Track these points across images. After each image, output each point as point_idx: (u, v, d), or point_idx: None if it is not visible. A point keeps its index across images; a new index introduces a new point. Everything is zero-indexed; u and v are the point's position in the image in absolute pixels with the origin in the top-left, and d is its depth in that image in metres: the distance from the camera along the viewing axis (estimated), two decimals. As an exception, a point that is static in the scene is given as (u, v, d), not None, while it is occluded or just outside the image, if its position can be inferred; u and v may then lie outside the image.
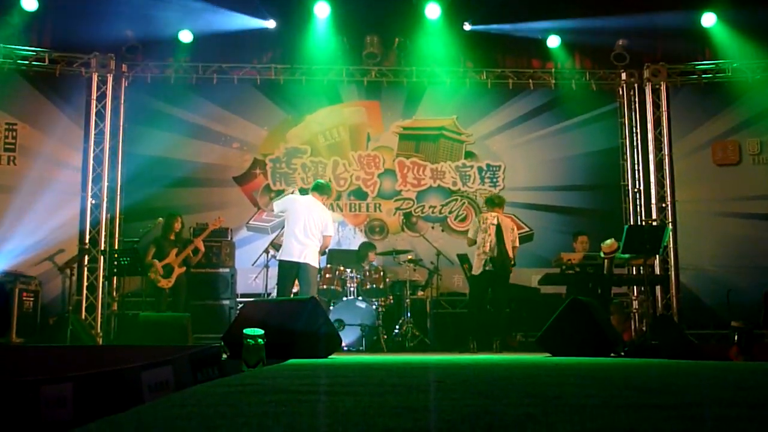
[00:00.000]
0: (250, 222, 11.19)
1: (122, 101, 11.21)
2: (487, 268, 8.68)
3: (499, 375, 2.82)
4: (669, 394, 1.87)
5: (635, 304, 11.13)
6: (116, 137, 11.08)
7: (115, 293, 10.72)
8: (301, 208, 7.94)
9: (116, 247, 10.68)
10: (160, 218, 9.90)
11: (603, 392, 1.86)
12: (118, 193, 10.95)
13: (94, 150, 10.88)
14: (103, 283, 10.58)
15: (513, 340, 9.95)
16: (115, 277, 10.49)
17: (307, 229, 7.88)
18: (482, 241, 8.71)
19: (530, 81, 11.63)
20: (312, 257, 7.89)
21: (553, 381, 2.32)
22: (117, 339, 10.09)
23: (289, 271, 7.90)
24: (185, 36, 11.11)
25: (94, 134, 10.92)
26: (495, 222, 8.75)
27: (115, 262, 9.66)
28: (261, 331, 4.96)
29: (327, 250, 9.58)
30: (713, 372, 3.30)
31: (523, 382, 2.28)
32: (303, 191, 8.82)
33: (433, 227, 11.41)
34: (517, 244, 9.10)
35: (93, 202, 10.79)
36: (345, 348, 9.07)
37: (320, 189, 8.22)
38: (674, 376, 2.97)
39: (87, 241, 10.62)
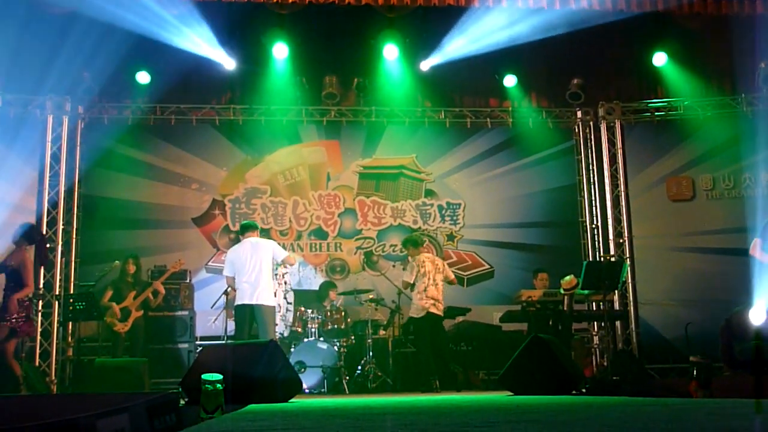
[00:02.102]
0: (209, 263, 11.07)
1: (78, 143, 11.05)
2: (431, 311, 8.99)
3: (458, 421, 2.79)
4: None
5: (596, 339, 11.19)
6: (72, 179, 10.91)
7: (70, 338, 10.47)
8: (242, 254, 8.22)
9: (71, 292, 10.46)
10: (117, 261, 9.75)
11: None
12: (74, 236, 10.76)
13: (49, 193, 10.70)
14: (57, 328, 10.33)
15: (476, 378, 9.94)
16: (70, 323, 10.26)
17: (255, 269, 8.09)
18: (424, 284, 9.03)
19: (488, 120, 11.78)
20: (265, 297, 8.03)
21: (511, 429, 2.30)
22: (72, 386, 9.84)
23: (244, 314, 8.07)
24: (143, 77, 11.05)
25: (50, 176, 10.73)
26: (431, 264, 9.15)
27: (71, 307, 9.45)
28: (219, 377, 4.88)
29: (291, 288, 9.60)
30: (672, 413, 3.31)
31: (480, 431, 2.25)
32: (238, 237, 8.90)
33: (394, 266, 11.39)
34: (452, 276, 9.47)
35: (48, 246, 10.56)
36: (306, 390, 8.96)
37: (250, 228, 8.52)
38: (632, 419, 2.96)
39: (41, 285, 10.39)
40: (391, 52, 11.20)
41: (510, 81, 11.61)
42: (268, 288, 8.08)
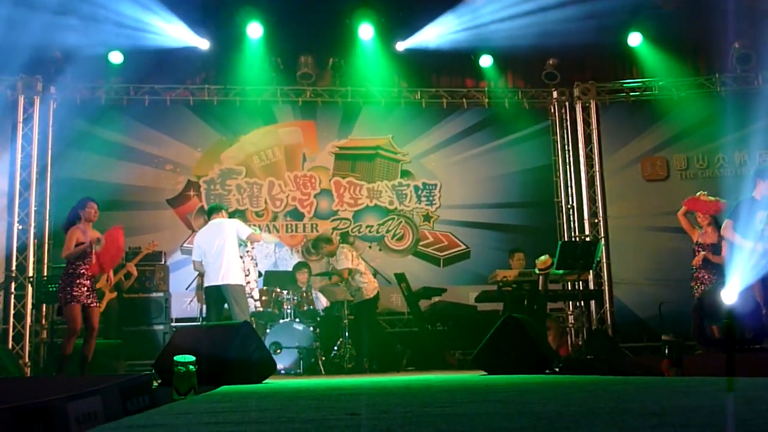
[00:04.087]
0: (184, 245, 10.99)
1: (50, 123, 10.91)
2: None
3: (421, 402, 2.80)
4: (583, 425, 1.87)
5: (571, 319, 11.28)
6: (44, 160, 10.78)
7: (43, 321, 10.40)
8: (206, 238, 8.26)
9: (45, 274, 10.36)
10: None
11: (513, 423, 1.85)
12: (47, 217, 10.65)
13: (20, 173, 10.57)
14: (31, 310, 10.24)
15: (452, 357, 9.99)
16: (43, 305, 10.18)
17: (219, 250, 8.08)
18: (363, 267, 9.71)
19: (464, 100, 11.76)
20: (233, 276, 8.04)
21: (470, 410, 2.30)
22: (46, 369, 9.79)
23: (212, 295, 8.13)
24: (115, 57, 10.93)
25: (21, 157, 10.61)
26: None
27: (44, 290, 9.38)
28: (192, 358, 4.88)
29: (263, 272, 9.57)
30: (640, 391, 3.33)
31: (439, 412, 2.26)
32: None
33: (370, 247, 11.39)
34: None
35: (20, 227, 10.46)
36: (282, 371, 8.97)
37: (215, 210, 8.59)
38: (600, 398, 2.98)
39: (14, 267, 10.29)
40: (366, 31, 11.15)
41: (486, 61, 11.60)
42: (234, 267, 8.06)
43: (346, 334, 9.66)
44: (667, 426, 1.67)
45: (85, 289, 7.33)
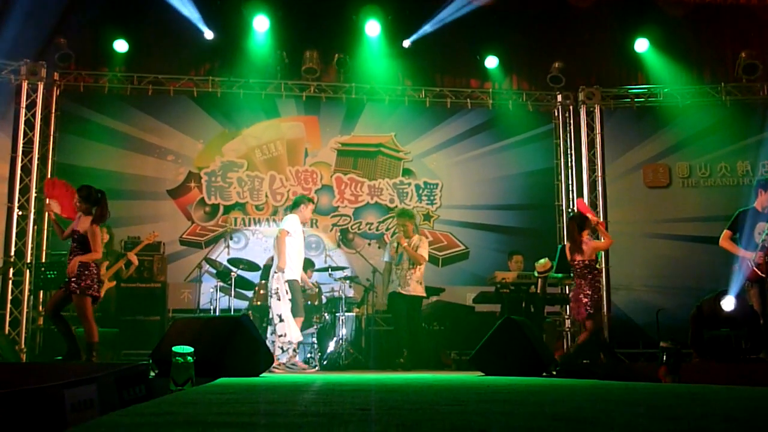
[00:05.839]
0: (184, 236, 10.98)
1: (53, 110, 10.89)
2: None
3: (428, 400, 2.79)
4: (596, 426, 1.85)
5: (567, 323, 11.28)
6: (46, 147, 10.75)
7: (41, 308, 10.36)
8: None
9: (43, 260, 10.33)
10: (90, 231, 9.60)
11: (530, 423, 1.83)
12: (47, 204, 10.59)
13: (22, 160, 10.53)
14: (28, 297, 10.22)
15: (448, 357, 9.98)
16: (41, 291, 10.16)
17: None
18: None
19: (468, 101, 11.75)
20: (288, 273, 8.13)
21: (481, 409, 2.29)
22: (42, 355, 9.76)
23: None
24: (120, 46, 10.90)
25: (23, 143, 10.57)
26: None
27: (42, 276, 9.34)
28: (190, 349, 4.85)
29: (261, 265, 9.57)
30: (639, 396, 3.33)
31: (449, 410, 2.24)
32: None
33: (369, 244, 11.37)
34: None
35: (20, 213, 10.43)
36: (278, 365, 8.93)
37: (294, 204, 8.65)
38: (600, 401, 2.97)
39: (12, 253, 10.26)
40: (373, 28, 11.14)
41: (491, 62, 11.59)
42: (287, 263, 8.16)
43: (344, 331, 9.63)
44: (684, 431, 1.66)
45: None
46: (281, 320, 8.06)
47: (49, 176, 10.58)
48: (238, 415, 1.95)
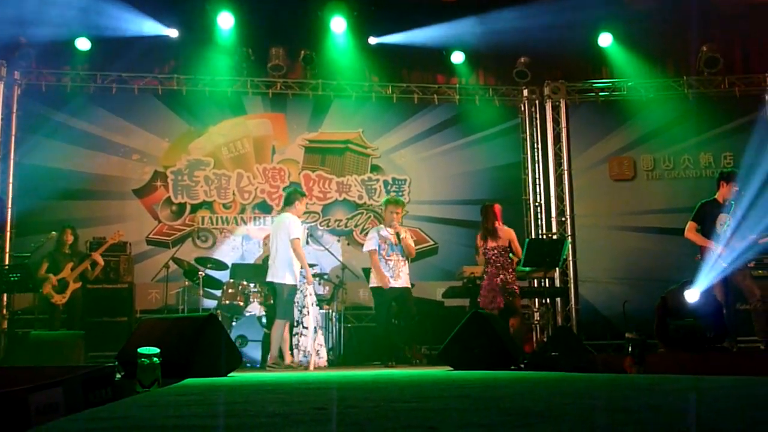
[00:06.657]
0: (151, 236, 10.88)
1: (14, 110, 10.72)
2: None
3: (388, 397, 2.79)
4: (550, 420, 1.87)
5: (536, 315, 11.36)
6: (7, 147, 10.59)
7: (4, 311, 10.22)
8: (273, 231, 8.30)
9: (6, 263, 10.18)
10: (54, 232, 9.51)
11: (482, 418, 1.84)
12: (9, 205, 10.46)
13: (-17, 160, 10.38)
14: (-9, 300, 10.07)
15: (418, 353, 10.00)
16: (5, 294, 10.02)
17: (273, 247, 8.13)
18: None
19: (435, 96, 11.77)
20: (280, 275, 7.98)
21: (438, 405, 2.30)
22: (6, 359, 9.62)
23: (272, 291, 8.26)
24: (83, 44, 10.77)
25: (-16, 144, 10.41)
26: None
27: (5, 278, 9.22)
28: (156, 350, 4.80)
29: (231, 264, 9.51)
30: (602, 388, 3.36)
31: (407, 407, 2.25)
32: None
33: (338, 241, 11.36)
34: None
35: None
36: (248, 365, 8.90)
37: (286, 201, 8.49)
38: (563, 394, 3.00)
39: (-25, 256, 10.11)
40: (338, 24, 11.11)
41: (458, 58, 11.62)
42: (283, 266, 7.97)
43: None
44: (634, 423, 1.68)
45: None
46: (305, 328, 8.07)
47: (10, 176, 10.44)
48: (193, 417, 1.94)
